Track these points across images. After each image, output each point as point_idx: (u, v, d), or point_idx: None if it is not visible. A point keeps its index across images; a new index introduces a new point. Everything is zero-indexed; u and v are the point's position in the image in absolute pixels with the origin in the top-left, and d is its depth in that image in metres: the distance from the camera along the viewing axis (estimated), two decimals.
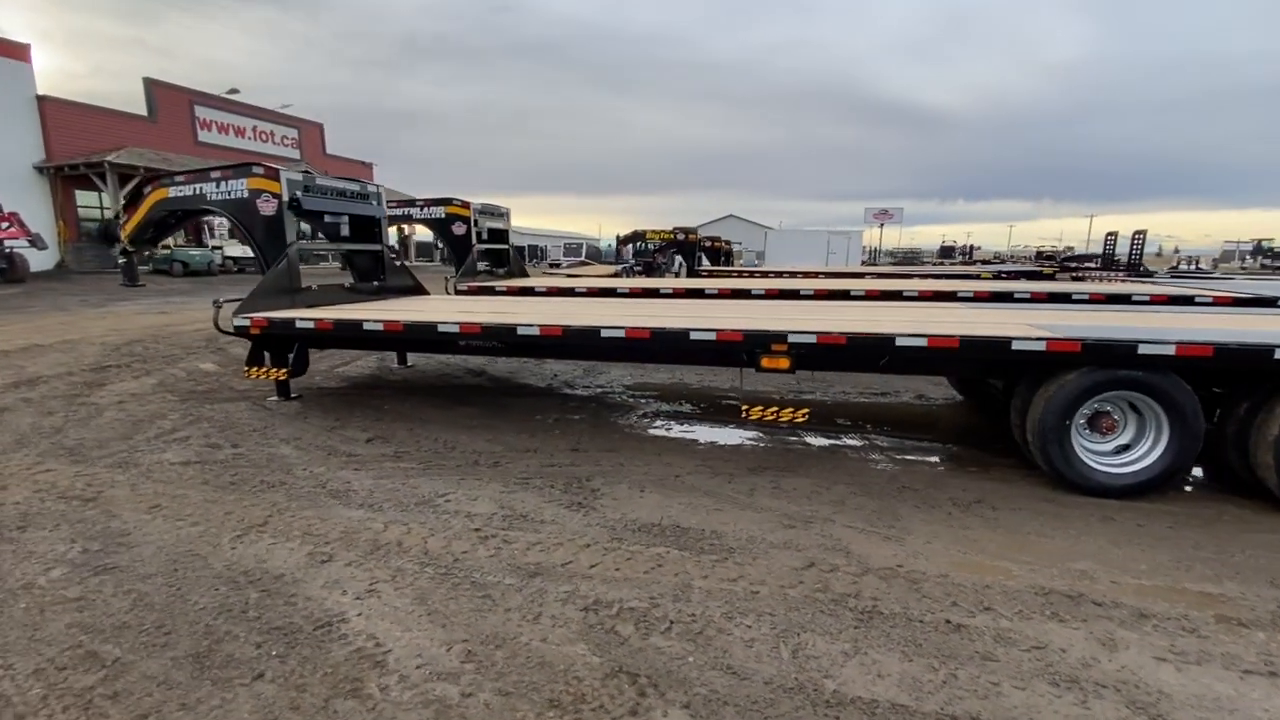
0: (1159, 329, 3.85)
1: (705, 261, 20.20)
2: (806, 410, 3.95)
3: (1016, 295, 7.41)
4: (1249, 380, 3.52)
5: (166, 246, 20.31)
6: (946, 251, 60.22)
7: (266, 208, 5.69)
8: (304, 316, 4.97)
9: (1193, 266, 29.55)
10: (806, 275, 12.92)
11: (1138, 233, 21.91)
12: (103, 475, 3.82)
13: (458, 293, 9.01)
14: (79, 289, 16.06)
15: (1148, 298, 6.99)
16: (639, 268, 19.30)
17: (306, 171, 6.39)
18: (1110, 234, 23.71)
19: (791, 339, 3.82)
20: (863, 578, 2.72)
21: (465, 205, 9.74)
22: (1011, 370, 3.96)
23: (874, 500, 3.55)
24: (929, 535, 3.13)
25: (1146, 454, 3.63)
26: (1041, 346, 3.52)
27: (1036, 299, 7.31)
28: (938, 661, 2.18)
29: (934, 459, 4.30)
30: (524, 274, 12.16)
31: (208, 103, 26.30)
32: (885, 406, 5.80)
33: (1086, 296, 7.22)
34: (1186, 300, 6.80)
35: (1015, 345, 3.55)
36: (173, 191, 6.33)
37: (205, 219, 21.99)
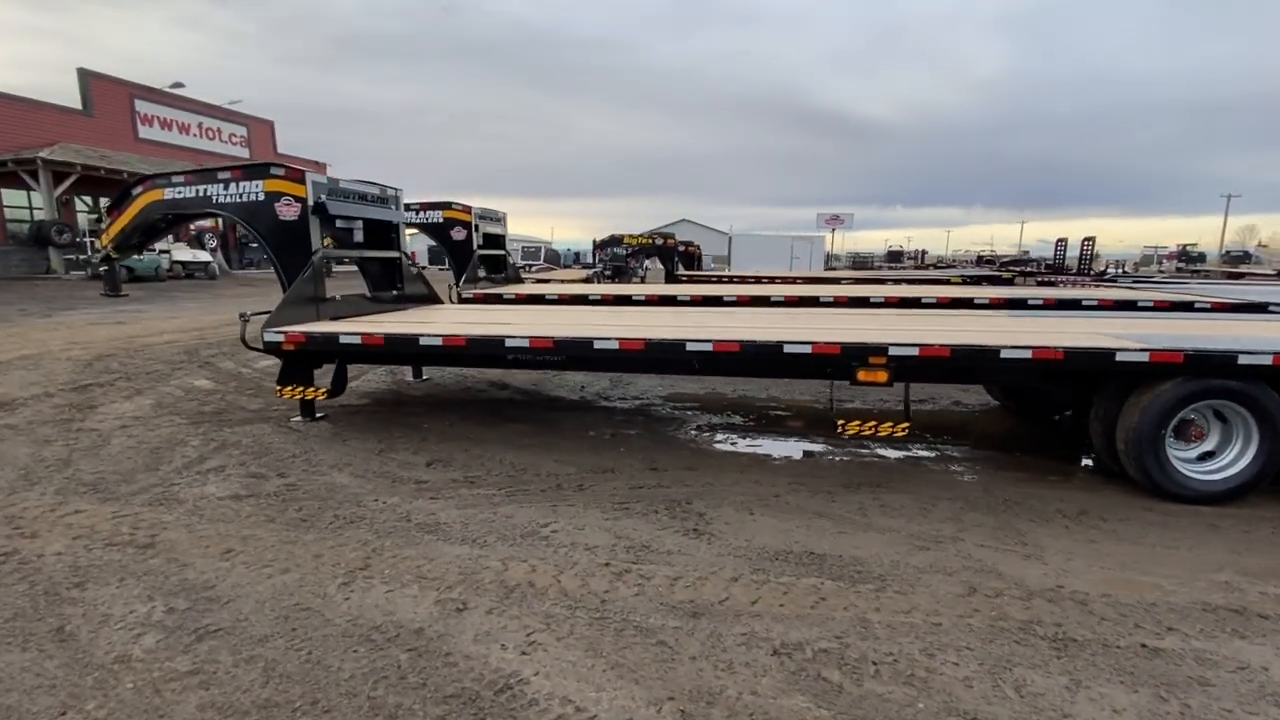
0: (1253, 339, 3.94)
1: (680, 266, 20.25)
2: (906, 425, 3.87)
3: (1030, 302, 7.62)
4: None
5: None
6: (895, 256, 61.91)
7: (287, 212, 5.24)
8: (348, 331, 4.58)
9: (1120, 270, 31.46)
10: (785, 280, 13.01)
11: (1087, 239, 23.06)
12: (146, 515, 3.38)
13: (462, 300, 8.62)
14: (14, 297, 14.65)
15: (1151, 303, 7.29)
16: (608, 272, 19.16)
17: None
18: (1060, 240, 24.95)
19: (893, 351, 3.74)
20: (1031, 601, 2.63)
21: (466, 210, 9.33)
22: (1094, 380, 3.98)
23: (987, 516, 3.49)
24: (1064, 551, 3.08)
25: (1236, 460, 3.71)
26: (1145, 357, 3.55)
27: (1048, 305, 7.54)
28: (1163, 690, 2.11)
29: (1010, 469, 4.29)
30: (519, 280, 11.79)
31: (149, 97, 24.51)
32: (931, 414, 5.81)
33: (1095, 303, 7.47)
34: (1187, 306, 7.12)
35: (1119, 356, 3.57)
36: (169, 193, 5.76)
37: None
